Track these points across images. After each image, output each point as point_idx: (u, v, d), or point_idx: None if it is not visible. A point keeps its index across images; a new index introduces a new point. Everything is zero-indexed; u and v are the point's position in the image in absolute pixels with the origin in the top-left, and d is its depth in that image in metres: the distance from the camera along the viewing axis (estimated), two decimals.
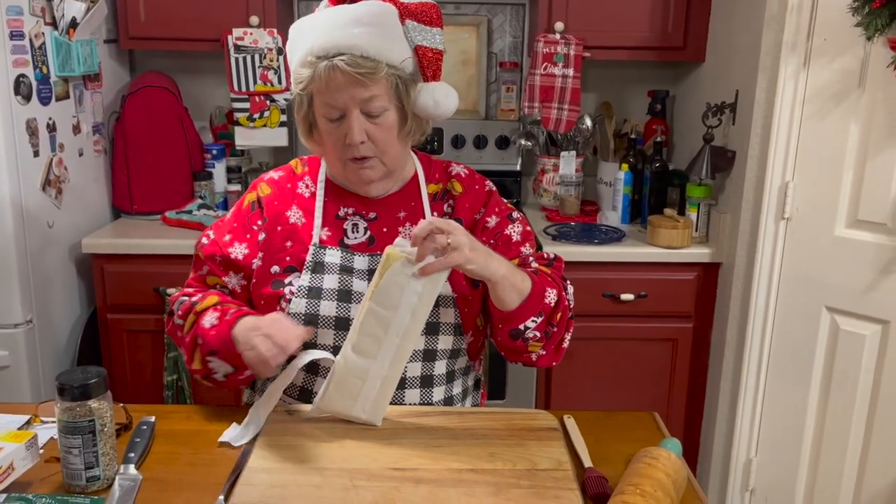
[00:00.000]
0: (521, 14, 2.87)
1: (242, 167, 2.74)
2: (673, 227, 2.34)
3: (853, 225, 2.03)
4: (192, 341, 1.31)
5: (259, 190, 1.43)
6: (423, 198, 1.42)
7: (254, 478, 1.11)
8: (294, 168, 1.46)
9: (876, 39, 1.86)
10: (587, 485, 1.12)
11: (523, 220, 1.46)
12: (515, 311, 1.27)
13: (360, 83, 1.26)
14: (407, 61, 1.31)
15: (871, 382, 2.03)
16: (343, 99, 1.27)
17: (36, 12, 2.06)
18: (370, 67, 1.26)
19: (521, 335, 1.30)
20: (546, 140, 2.77)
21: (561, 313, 1.34)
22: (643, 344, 2.44)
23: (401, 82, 1.31)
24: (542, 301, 1.29)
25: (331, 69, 1.25)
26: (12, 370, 2.07)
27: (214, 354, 1.26)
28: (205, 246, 1.41)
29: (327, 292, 1.34)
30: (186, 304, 1.35)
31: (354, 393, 1.23)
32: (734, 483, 2.35)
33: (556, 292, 1.32)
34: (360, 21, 1.27)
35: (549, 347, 1.35)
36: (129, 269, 2.32)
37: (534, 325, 1.29)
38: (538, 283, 1.30)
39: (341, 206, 1.41)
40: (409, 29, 1.31)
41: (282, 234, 1.38)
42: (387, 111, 1.31)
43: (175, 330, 1.37)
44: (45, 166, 2.14)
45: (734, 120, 2.31)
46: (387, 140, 1.32)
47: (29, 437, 1.11)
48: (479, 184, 1.46)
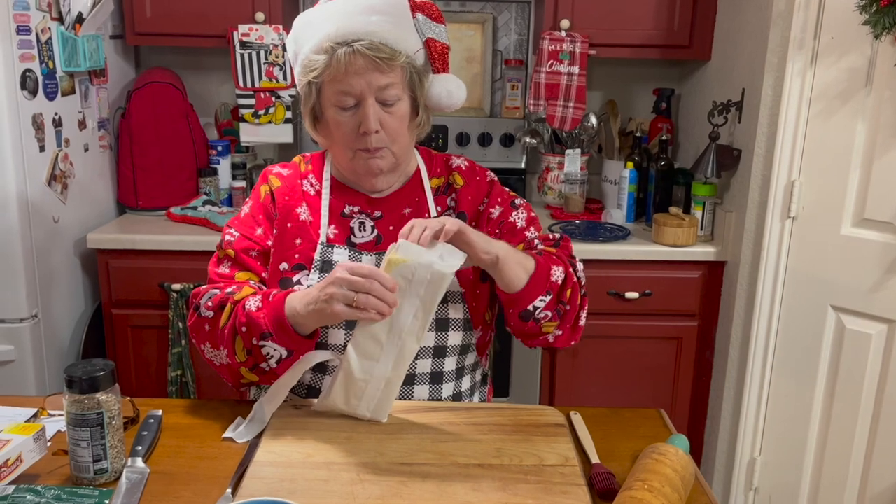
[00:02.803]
0: (526, 11, 2.86)
1: (247, 163, 2.74)
2: (678, 226, 2.34)
3: (859, 224, 2.02)
4: (232, 332, 1.25)
5: (270, 182, 1.42)
6: (426, 193, 1.42)
7: (261, 471, 1.11)
8: (298, 165, 1.45)
9: (883, 38, 1.86)
10: (594, 480, 1.12)
11: (527, 206, 1.45)
12: (522, 292, 1.26)
13: (380, 69, 1.26)
14: (419, 52, 1.33)
15: (877, 382, 2.03)
16: (360, 85, 1.27)
17: (42, 7, 2.07)
18: (389, 54, 1.26)
19: (532, 316, 1.29)
20: (551, 138, 2.77)
21: (571, 290, 1.32)
22: (648, 342, 2.44)
23: (415, 72, 1.32)
24: (548, 279, 1.28)
25: (351, 54, 1.25)
26: (17, 365, 2.07)
27: (268, 338, 1.22)
28: (232, 243, 1.36)
29: None
30: (219, 297, 1.29)
31: (359, 393, 1.23)
32: (738, 482, 2.35)
33: (562, 269, 1.31)
34: (376, 10, 1.28)
35: (564, 327, 1.34)
36: (133, 264, 2.32)
37: (543, 305, 1.28)
38: (543, 263, 1.29)
39: (346, 204, 1.40)
40: (420, 22, 1.32)
41: (292, 230, 1.37)
42: (400, 101, 1.31)
43: (202, 323, 1.30)
44: (51, 161, 2.14)
45: (740, 118, 2.31)
46: (398, 130, 1.32)
47: (37, 429, 1.11)
48: (479, 175, 1.45)
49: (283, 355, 1.23)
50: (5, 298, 2.04)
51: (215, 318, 1.28)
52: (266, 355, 1.24)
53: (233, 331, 1.25)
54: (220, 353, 1.29)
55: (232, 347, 1.26)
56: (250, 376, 1.29)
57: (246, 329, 1.23)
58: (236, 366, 1.27)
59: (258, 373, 1.27)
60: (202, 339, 1.31)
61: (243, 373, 1.28)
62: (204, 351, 1.32)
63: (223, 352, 1.28)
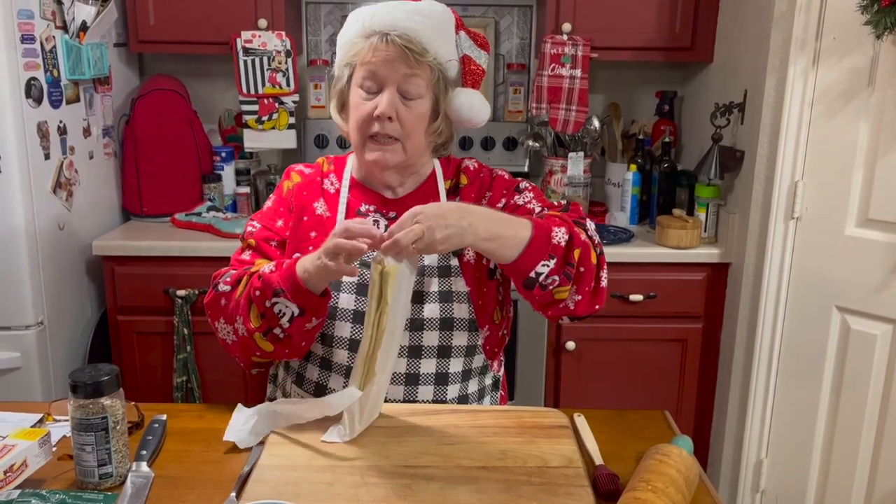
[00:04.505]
0: (528, 15, 2.87)
1: (251, 169, 2.75)
2: (682, 228, 2.34)
3: (863, 224, 2.02)
4: (248, 300, 1.27)
5: (291, 178, 1.46)
6: (441, 196, 1.44)
7: (265, 475, 1.12)
8: (321, 165, 1.49)
9: (885, 38, 1.86)
10: (598, 482, 1.12)
11: (534, 189, 1.44)
12: (519, 260, 1.22)
13: (407, 61, 1.31)
14: (452, 62, 1.38)
15: (883, 382, 2.02)
16: (385, 71, 1.31)
17: (47, 16, 2.08)
18: (420, 49, 1.31)
19: (536, 282, 1.24)
20: (554, 141, 2.77)
21: (580, 250, 1.26)
22: (653, 344, 2.44)
23: (442, 78, 1.36)
24: (548, 242, 1.23)
25: (384, 42, 1.31)
26: (24, 371, 2.08)
27: (279, 294, 1.23)
28: (253, 233, 1.41)
29: (346, 285, 1.35)
30: (236, 274, 1.33)
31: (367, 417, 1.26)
32: (745, 484, 2.35)
33: (565, 230, 1.26)
34: (422, 13, 1.34)
35: (583, 290, 1.28)
36: (139, 270, 2.33)
37: (547, 270, 1.23)
38: (541, 226, 1.24)
39: (363, 203, 1.43)
40: (462, 39, 1.39)
41: (307, 224, 1.40)
42: (422, 98, 1.34)
43: (218, 298, 1.33)
44: (56, 169, 2.15)
45: (742, 120, 2.31)
46: (414, 126, 1.34)
47: (42, 434, 1.11)
48: (483, 172, 1.47)
49: (294, 312, 1.24)
50: (11, 305, 2.05)
51: (231, 292, 1.31)
52: (278, 313, 1.24)
53: (248, 298, 1.27)
54: (233, 326, 1.30)
55: (247, 313, 1.27)
56: (264, 344, 1.28)
57: (259, 292, 1.25)
58: (251, 332, 1.27)
59: (272, 340, 1.27)
60: (217, 315, 1.33)
61: (257, 340, 1.28)
62: (218, 328, 1.34)
63: (238, 321, 1.29)
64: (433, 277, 1.37)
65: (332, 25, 2.81)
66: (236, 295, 1.30)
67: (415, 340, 1.36)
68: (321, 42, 2.84)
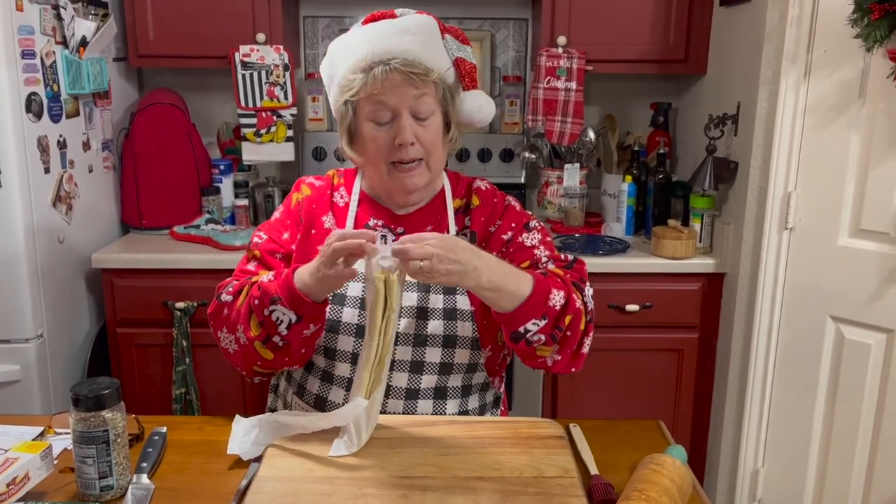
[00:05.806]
0: (523, 29, 2.90)
1: (250, 182, 2.77)
2: (677, 238, 2.36)
3: (856, 234, 2.04)
4: (248, 308, 1.29)
5: (301, 191, 1.47)
6: (449, 212, 1.45)
7: (264, 486, 1.13)
8: (332, 178, 1.50)
9: (875, 51, 1.88)
10: (593, 492, 1.13)
11: (543, 230, 1.45)
12: (513, 314, 1.24)
13: (414, 84, 1.32)
14: (449, 71, 1.40)
15: (877, 390, 2.04)
16: (395, 100, 1.32)
17: (47, 31, 2.10)
18: (423, 70, 1.33)
19: (523, 338, 1.27)
20: (550, 153, 2.79)
21: (571, 316, 1.28)
22: (649, 355, 2.45)
23: (446, 89, 1.38)
24: (545, 303, 1.25)
25: (388, 71, 1.32)
26: (24, 384, 2.08)
27: (277, 302, 1.25)
28: (259, 244, 1.43)
29: (350, 299, 1.37)
30: (238, 284, 1.35)
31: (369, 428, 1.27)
32: (741, 493, 2.35)
33: (563, 294, 1.27)
34: (409, 31, 1.35)
35: (564, 353, 1.31)
36: (138, 283, 2.35)
37: (536, 329, 1.25)
38: (541, 285, 1.26)
39: (372, 217, 1.44)
40: (449, 42, 1.40)
41: (315, 237, 1.41)
42: (434, 115, 1.37)
43: (221, 308, 1.35)
44: (56, 183, 2.17)
45: (736, 131, 2.33)
46: (433, 143, 1.37)
47: (44, 447, 1.12)
48: (497, 198, 1.48)
49: (292, 319, 1.26)
50: (11, 318, 2.06)
51: (233, 302, 1.33)
52: (276, 321, 1.26)
53: (248, 307, 1.29)
54: (235, 335, 1.32)
55: (247, 322, 1.29)
56: (264, 352, 1.30)
57: (258, 301, 1.27)
58: (251, 341, 1.29)
59: (271, 348, 1.29)
60: (219, 325, 1.35)
61: (257, 348, 1.30)
62: (220, 338, 1.36)
63: (239, 329, 1.30)
64: (439, 294, 1.38)
65: (329, 39, 2.83)
66: (238, 304, 1.32)
67: (417, 356, 1.37)
68: (319, 56, 2.86)
